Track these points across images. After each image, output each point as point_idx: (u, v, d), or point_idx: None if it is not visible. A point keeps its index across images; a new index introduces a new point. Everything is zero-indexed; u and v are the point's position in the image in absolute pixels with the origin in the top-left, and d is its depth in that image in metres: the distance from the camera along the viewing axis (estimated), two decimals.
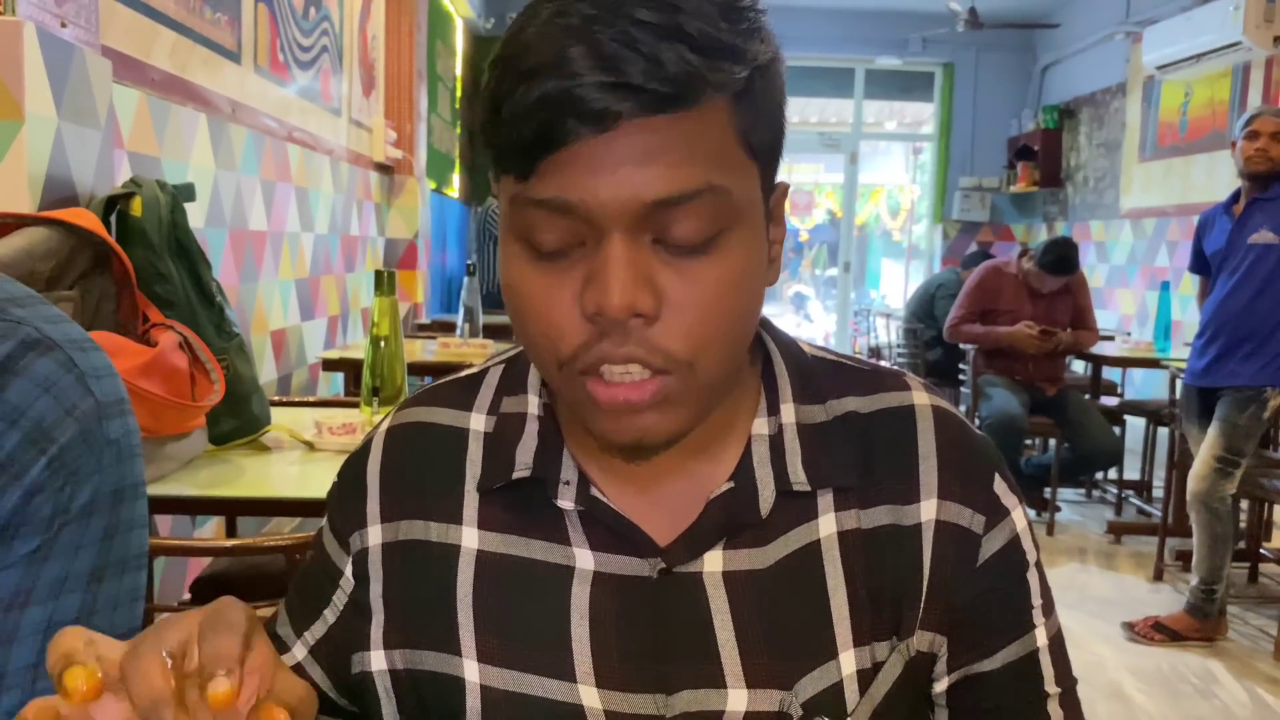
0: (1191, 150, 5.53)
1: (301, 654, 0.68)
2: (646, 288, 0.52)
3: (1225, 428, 3.00)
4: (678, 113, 0.50)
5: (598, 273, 0.51)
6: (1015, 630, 0.64)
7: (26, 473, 0.55)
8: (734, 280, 0.53)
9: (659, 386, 0.53)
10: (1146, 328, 5.64)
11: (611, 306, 0.51)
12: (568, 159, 0.50)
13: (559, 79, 0.49)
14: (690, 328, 0.53)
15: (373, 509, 0.66)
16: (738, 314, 0.54)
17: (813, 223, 12.31)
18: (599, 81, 0.48)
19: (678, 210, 0.51)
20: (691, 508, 0.61)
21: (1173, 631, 3.08)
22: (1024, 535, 0.64)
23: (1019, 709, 0.64)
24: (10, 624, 0.55)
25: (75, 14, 1.82)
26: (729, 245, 0.53)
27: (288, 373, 3.38)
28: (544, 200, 0.52)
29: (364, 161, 4.37)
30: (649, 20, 0.49)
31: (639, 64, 0.48)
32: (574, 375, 0.55)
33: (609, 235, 0.51)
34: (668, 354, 0.53)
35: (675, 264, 0.52)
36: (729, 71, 0.51)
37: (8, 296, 0.59)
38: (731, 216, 0.53)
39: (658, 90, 0.49)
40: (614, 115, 0.49)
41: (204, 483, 1.58)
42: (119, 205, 1.79)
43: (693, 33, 0.49)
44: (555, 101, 0.49)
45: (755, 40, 0.53)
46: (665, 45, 0.49)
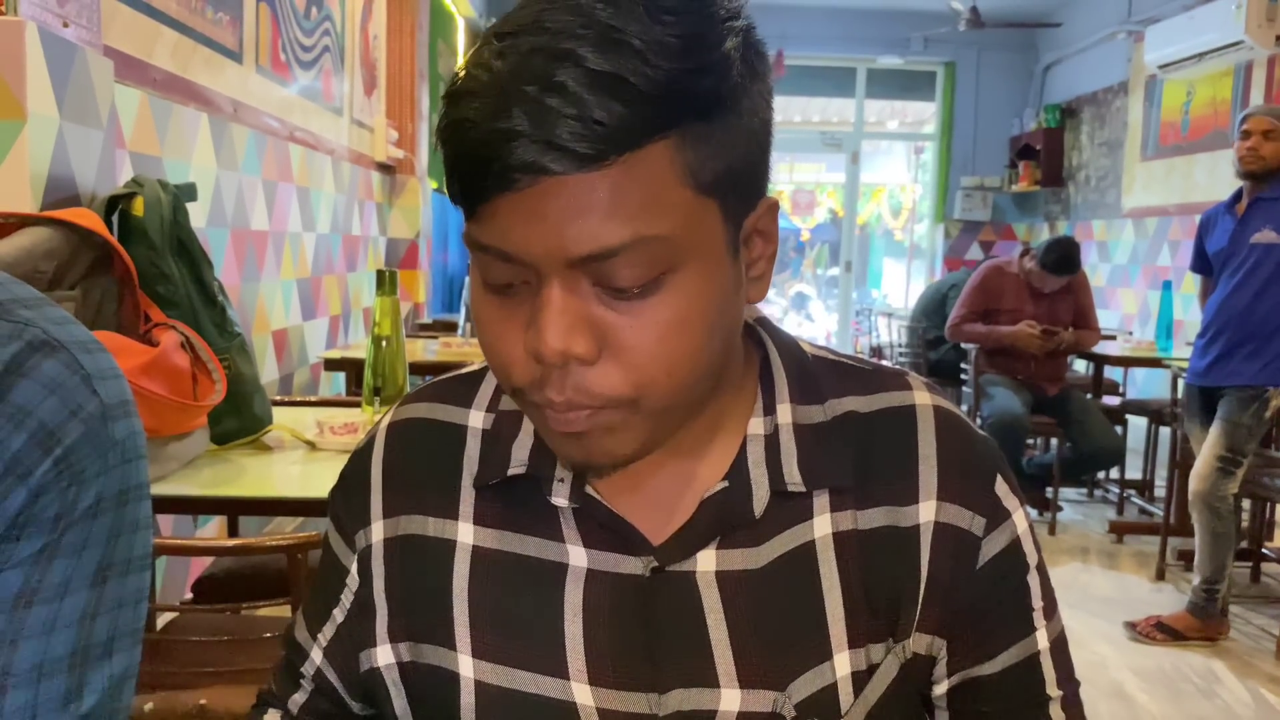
0: (1193, 149, 5.52)
1: (319, 658, 0.69)
2: (583, 332, 0.52)
3: (1227, 427, 2.99)
4: (608, 166, 0.49)
5: (536, 315, 0.52)
6: (1015, 633, 0.63)
7: (32, 473, 0.55)
8: (679, 320, 0.52)
9: (602, 418, 0.54)
10: (1148, 327, 5.64)
11: (546, 351, 0.51)
12: (502, 207, 0.50)
13: (490, 128, 0.49)
14: (630, 369, 0.53)
15: (376, 506, 0.67)
16: (685, 351, 0.53)
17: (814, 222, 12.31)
18: (530, 136, 0.48)
19: (611, 261, 0.50)
20: (685, 506, 0.61)
21: (1175, 631, 3.08)
22: (1025, 538, 0.64)
23: (1019, 712, 0.64)
24: (15, 624, 0.55)
25: (77, 14, 1.82)
26: (674, 286, 0.52)
27: (289, 372, 3.38)
28: (484, 246, 0.53)
29: (365, 161, 4.38)
30: (591, 65, 0.48)
31: (568, 125, 0.47)
32: (525, 403, 0.56)
33: (547, 280, 0.51)
34: (607, 396, 0.53)
35: (618, 305, 0.52)
36: (669, 117, 0.49)
37: (14, 298, 0.59)
38: (672, 260, 0.51)
39: (586, 152, 0.48)
40: (544, 170, 0.48)
41: (206, 482, 1.58)
42: (121, 205, 1.79)
43: (636, 80, 0.48)
44: (486, 155, 0.49)
45: (714, 74, 0.51)
46: (602, 98, 0.47)
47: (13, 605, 0.55)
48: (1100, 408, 4.33)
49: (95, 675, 0.58)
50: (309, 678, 0.69)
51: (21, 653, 0.55)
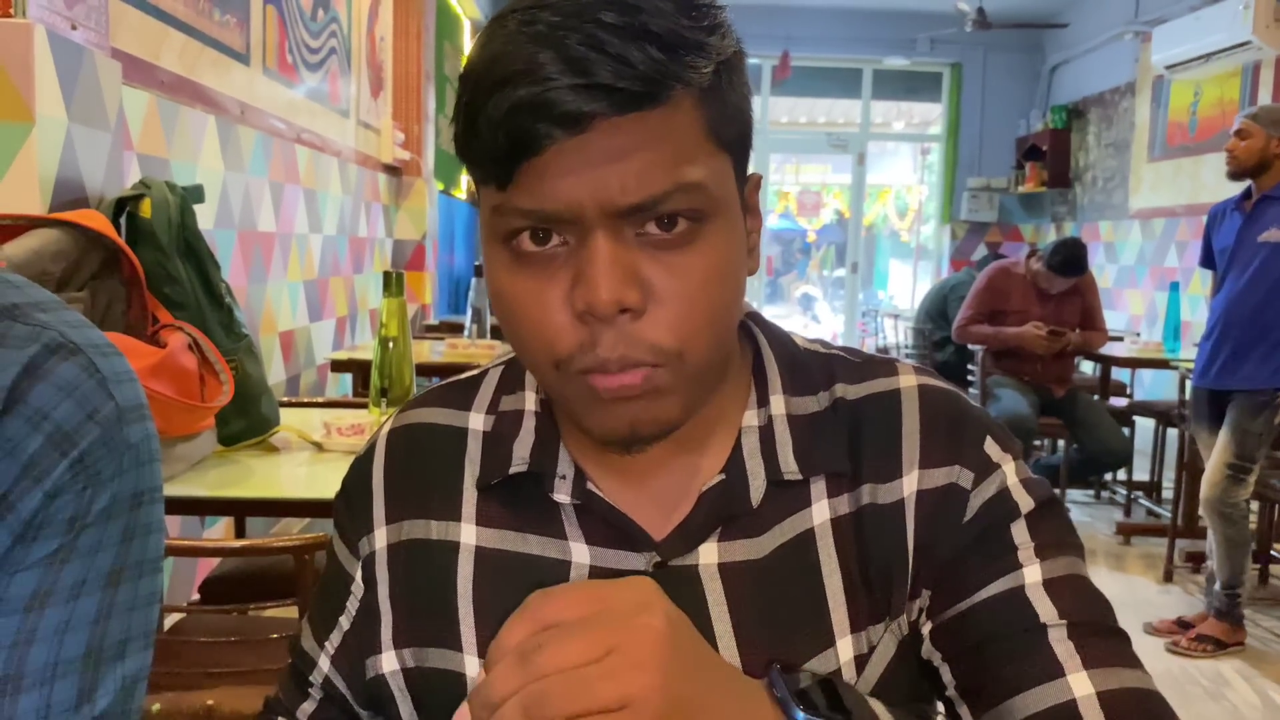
0: (1201, 150, 5.51)
1: (326, 666, 0.69)
2: (632, 282, 0.53)
3: (1237, 434, 2.96)
4: (648, 110, 0.51)
5: (584, 271, 0.52)
6: (998, 570, 0.60)
7: (48, 475, 0.55)
8: (717, 270, 0.55)
9: (649, 375, 0.54)
10: (1156, 328, 5.62)
11: (600, 303, 0.52)
12: (545, 164, 0.51)
13: (531, 85, 0.50)
14: (677, 319, 0.54)
15: (378, 513, 0.67)
16: (722, 303, 0.56)
17: (820, 223, 12.30)
18: (571, 84, 0.49)
19: (657, 209, 0.52)
20: (684, 501, 0.62)
21: (1217, 640, 3.04)
22: (1016, 488, 0.61)
23: (1012, 638, 0.58)
24: (29, 625, 0.55)
25: (85, 16, 1.83)
26: (710, 236, 0.54)
27: (296, 373, 3.39)
28: (526, 210, 0.53)
29: (372, 163, 4.38)
30: (613, 23, 0.50)
31: (608, 65, 0.49)
32: (571, 375, 0.55)
33: (592, 234, 0.52)
34: (656, 347, 0.54)
35: (659, 257, 0.53)
36: (695, 66, 0.52)
37: (32, 301, 0.60)
38: (709, 209, 0.54)
39: (628, 89, 0.50)
40: (587, 117, 0.50)
41: (213, 483, 1.58)
42: (128, 207, 1.79)
43: (657, 31, 0.50)
44: (529, 108, 0.50)
45: (718, 35, 0.54)
46: (632, 45, 0.50)
47: (27, 606, 0.55)
48: (1107, 409, 4.32)
49: (108, 677, 0.58)
50: (317, 686, 0.69)
51: (35, 654, 0.55)
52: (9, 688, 0.54)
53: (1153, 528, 4.22)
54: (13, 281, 0.61)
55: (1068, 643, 0.58)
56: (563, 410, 0.63)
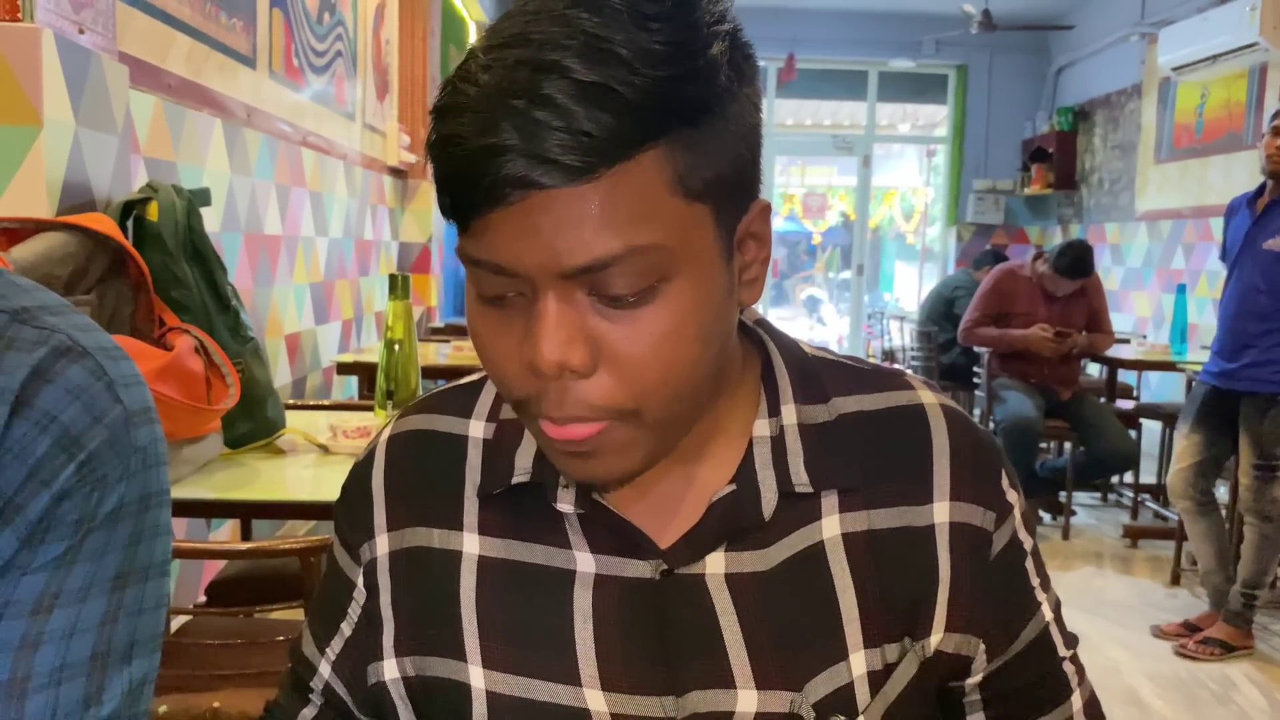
0: (1208, 152, 5.49)
1: (327, 672, 0.69)
2: (579, 343, 0.52)
3: (1252, 436, 2.96)
4: (598, 178, 0.49)
5: (532, 328, 0.52)
6: (1028, 612, 0.66)
7: (55, 478, 0.56)
8: (675, 328, 0.52)
9: (603, 430, 0.54)
10: (1162, 330, 5.61)
11: (542, 363, 0.51)
12: (495, 222, 0.50)
13: (480, 149, 0.49)
14: (628, 379, 0.52)
15: (379, 519, 0.67)
16: (683, 360, 0.53)
17: (826, 225, 12.29)
18: (518, 152, 0.48)
19: (604, 272, 0.50)
20: (692, 510, 0.61)
21: (1225, 644, 3.03)
22: (1019, 526, 0.66)
23: (1041, 677, 0.67)
24: (37, 627, 0.55)
25: (92, 20, 1.83)
26: (669, 294, 0.52)
27: (302, 376, 3.39)
28: (478, 259, 0.53)
29: (378, 166, 4.39)
30: (579, 77, 0.48)
31: (557, 137, 0.47)
32: (527, 416, 0.56)
33: (541, 293, 0.51)
34: (606, 407, 0.53)
35: (612, 315, 0.52)
36: (663, 125, 0.49)
37: (40, 305, 0.60)
38: (665, 268, 0.51)
39: (575, 164, 0.48)
40: (535, 185, 0.48)
41: (219, 486, 1.58)
42: (135, 210, 1.80)
43: (623, 90, 0.48)
44: (476, 171, 0.49)
45: (701, 80, 0.50)
46: (589, 110, 0.47)
47: (34, 609, 0.55)
48: (1114, 411, 4.31)
49: (115, 680, 0.58)
50: (318, 692, 0.69)
51: (42, 656, 0.55)
52: (16, 690, 0.55)
53: (1160, 530, 4.21)
54: (21, 285, 0.61)
55: (1070, 665, 0.68)
56: None
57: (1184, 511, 3.18)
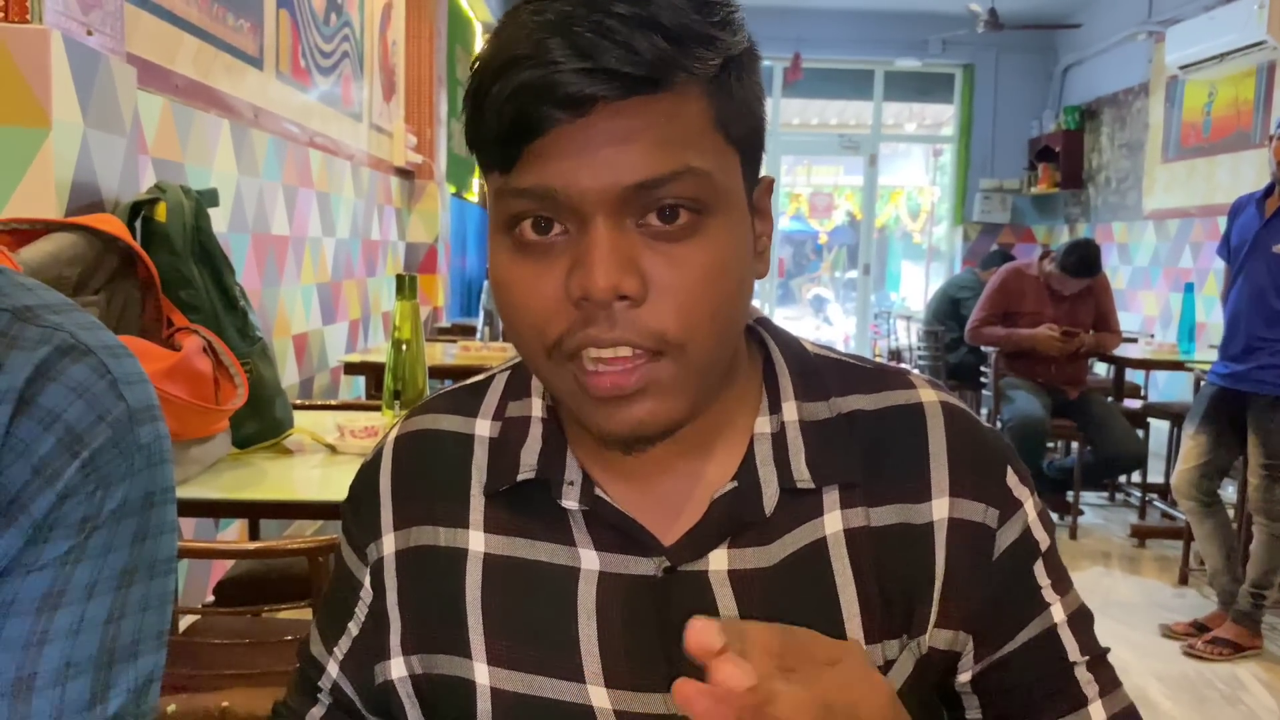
0: (1215, 151, 5.48)
1: (335, 671, 0.69)
2: (631, 270, 0.52)
3: (1261, 436, 2.95)
4: (653, 95, 0.51)
5: (582, 257, 0.52)
6: (1030, 612, 0.64)
7: (60, 476, 0.56)
8: (719, 264, 0.54)
9: (648, 371, 0.54)
10: (1170, 330, 5.59)
11: (596, 288, 0.52)
12: (548, 146, 0.52)
13: (536, 68, 0.50)
14: (678, 309, 0.53)
15: (386, 519, 0.67)
16: (724, 297, 0.55)
17: (832, 225, 12.27)
18: (575, 68, 0.50)
19: (658, 192, 0.52)
20: (695, 507, 0.62)
21: (1233, 644, 3.01)
22: (1034, 524, 0.64)
23: (1046, 680, 0.64)
24: (42, 626, 0.56)
25: (101, 22, 1.84)
26: (712, 229, 0.54)
27: (309, 376, 3.40)
28: (527, 189, 0.53)
29: (384, 166, 4.40)
30: (622, 12, 0.51)
31: (614, 51, 0.50)
32: (562, 362, 0.55)
33: (592, 220, 0.52)
34: (657, 334, 0.53)
35: (660, 247, 0.53)
36: (703, 58, 0.52)
37: (44, 303, 0.60)
38: (713, 200, 0.54)
39: (632, 74, 0.50)
40: (590, 100, 0.50)
41: (227, 485, 1.59)
42: (144, 211, 1.80)
43: (666, 22, 0.51)
44: (533, 89, 0.51)
45: (728, 31, 0.54)
46: (639, 33, 0.50)
47: (39, 607, 0.56)
48: (1121, 411, 4.30)
49: (121, 677, 0.58)
50: (326, 691, 0.69)
51: (48, 654, 0.55)
52: (22, 688, 0.55)
53: (1167, 530, 4.20)
54: (25, 284, 0.62)
55: (1088, 675, 0.64)
56: (564, 408, 0.63)
57: (1189, 512, 3.17)
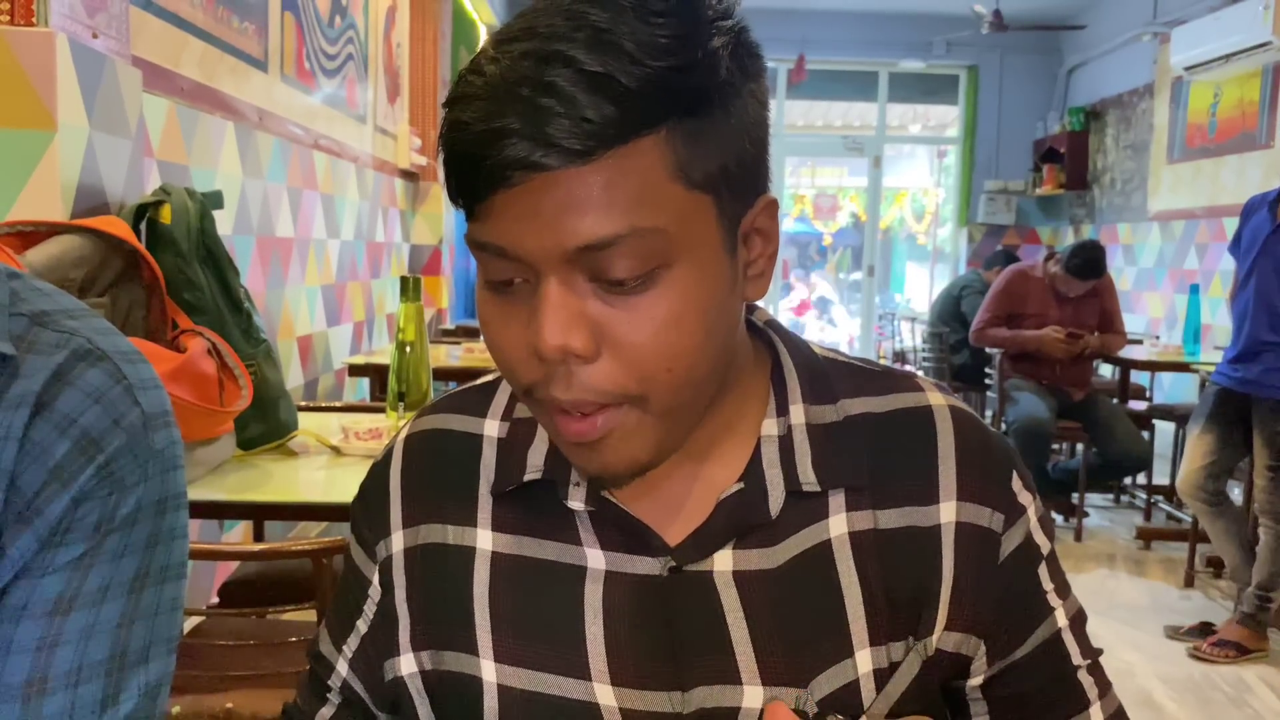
0: (1221, 152, 5.47)
1: (344, 670, 0.69)
2: (581, 328, 0.52)
3: (1266, 438, 2.94)
4: (598, 161, 0.50)
5: (534, 313, 0.53)
6: (1038, 617, 0.65)
7: (75, 480, 0.56)
8: (676, 315, 0.53)
9: (607, 420, 0.54)
10: (1175, 331, 5.58)
11: (544, 347, 0.52)
12: (499, 206, 0.52)
13: (485, 134, 0.50)
14: (631, 364, 0.53)
15: (395, 516, 0.68)
16: (684, 346, 0.54)
17: (836, 226, 12.27)
18: (527, 135, 0.49)
19: (606, 253, 0.51)
20: (701, 508, 0.62)
21: (1240, 646, 3.00)
22: (1036, 530, 0.65)
23: (1052, 684, 0.65)
24: (55, 629, 0.56)
25: (106, 25, 1.85)
26: (670, 281, 0.53)
27: (314, 378, 3.41)
28: (481, 243, 0.54)
29: (389, 168, 4.41)
30: (583, 67, 0.49)
31: (560, 122, 0.49)
32: (534, 404, 0.57)
33: (544, 277, 0.53)
34: (612, 391, 0.54)
35: (614, 301, 0.53)
36: (658, 113, 0.51)
37: (60, 309, 0.61)
38: (667, 253, 0.52)
39: (577, 148, 0.49)
40: (537, 167, 0.50)
41: (232, 487, 1.59)
42: (149, 213, 1.81)
43: (624, 80, 0.49)
44: (481, 154, 0.51)
45: (702, 72, 0.52)
46: (591, 100, 0.49)
47: (52, 610, 0.56)
48: (1127, 413, 4.29)
49: (131, 681, 0.58)
50: (335, 690, 0.70)
51: (59, 658, 0.56)
52: (34, 691, 0.55)
53: (1173, 532, 4.19)
54: (42, 289, 0.62)
55: (1089, 679, 0.66)
56: None
57: (1199, 513, 3.16)
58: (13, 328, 0.59)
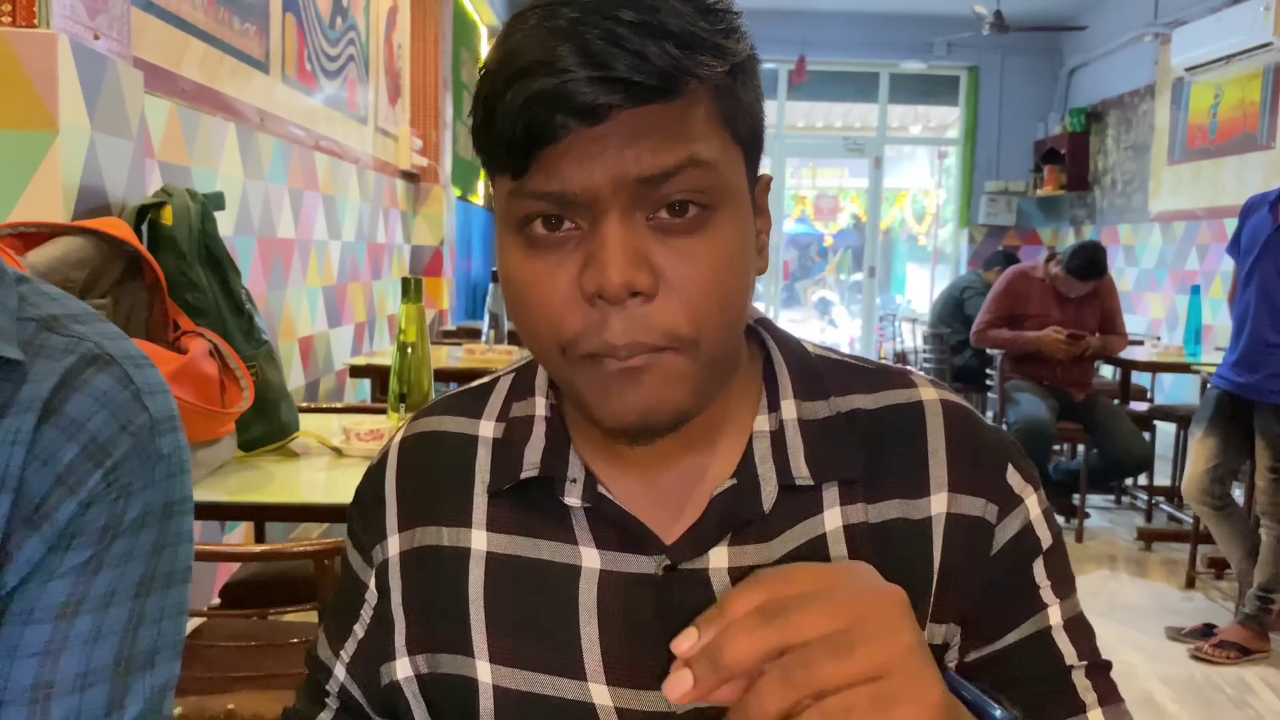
0: (1222, 152, 5.47)
1: (342, 674, 0.69)
2: (643, 265, 0.53)
3: (1268, 440, 2.94)
4: (663, 102, 0.52)
5: (595, 254, 0.53)
6: (1024, 611, 0.63)
7: (83, 485, 0.56)
8: (727, 258, 0.55)
9: (659, 362, 0.55)
10: (1176, 332, 5.58)
11: (610, 285, 0.52)
12: (561, 152, 0.53)
13: (549, 77, 0.51)
14: (690, 303, 0.54)
15: (391, 520, 0.68)
16: (733, 290, 0.56)
17: (837, 227, 12.27)
18: (588, 77, 0.51)
19: (667, 186, 0.53)
20: (695, 505, 0.62)
21: (1242, 647, 3.00)
22: (1038, 522, 0.64)
23: (1039, 682, 0.63)
24: (61, 633, 0.56)
25: (108, 26, 1.85)
26: (720, 224, 0.55)
27: (315, 379, 3.41)
28: (541, 193, 0.54)
29: (390, 169, 4.41)
30: (632, 20, 0.51)
31: (625, 59, 0.51)
32: (576, 360, 0.56)
33: (604, 217, 0.53)
34: (669, 331, 0.54)
35: (670, 242, 0.54)
36: (709, 65, 0.53)
37: (69, 313, 0.61)
38: (720, 194, 0.55)
39: (644, 83, 0.51)
40: (604, 108, 0.51)
41: (233, 488, 1.59)
42: (150, 214, 1.81)
43: (674, 30, 0.52)
44: (547, 98, 0.51)
45: (732, 39, 0.55)
46: (649, 41, 0.51)
47: (59, 614, 0.56)
48: (1128, 414, 4.29)
49: (137, 685, 0.58)
50: (334, 695, 0.70)
51: (66, 662, 0.56)
52: (41, 695, 0.55)
53: (1174, 533, 4.19)
54: (49, 293, 0.62)
55: (1086, 682, 0.63)
56: (573, 404, 0.63)
57: (1203, 516, 3.16)
58: (21, 332, 0.59)
